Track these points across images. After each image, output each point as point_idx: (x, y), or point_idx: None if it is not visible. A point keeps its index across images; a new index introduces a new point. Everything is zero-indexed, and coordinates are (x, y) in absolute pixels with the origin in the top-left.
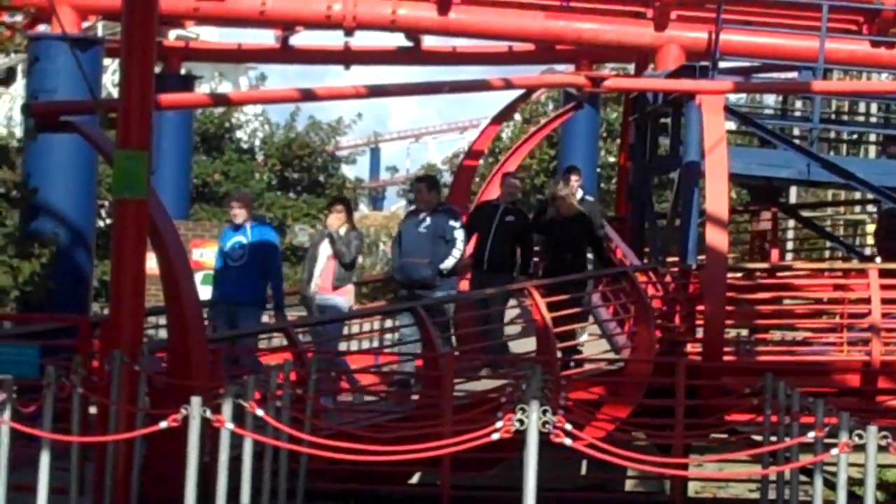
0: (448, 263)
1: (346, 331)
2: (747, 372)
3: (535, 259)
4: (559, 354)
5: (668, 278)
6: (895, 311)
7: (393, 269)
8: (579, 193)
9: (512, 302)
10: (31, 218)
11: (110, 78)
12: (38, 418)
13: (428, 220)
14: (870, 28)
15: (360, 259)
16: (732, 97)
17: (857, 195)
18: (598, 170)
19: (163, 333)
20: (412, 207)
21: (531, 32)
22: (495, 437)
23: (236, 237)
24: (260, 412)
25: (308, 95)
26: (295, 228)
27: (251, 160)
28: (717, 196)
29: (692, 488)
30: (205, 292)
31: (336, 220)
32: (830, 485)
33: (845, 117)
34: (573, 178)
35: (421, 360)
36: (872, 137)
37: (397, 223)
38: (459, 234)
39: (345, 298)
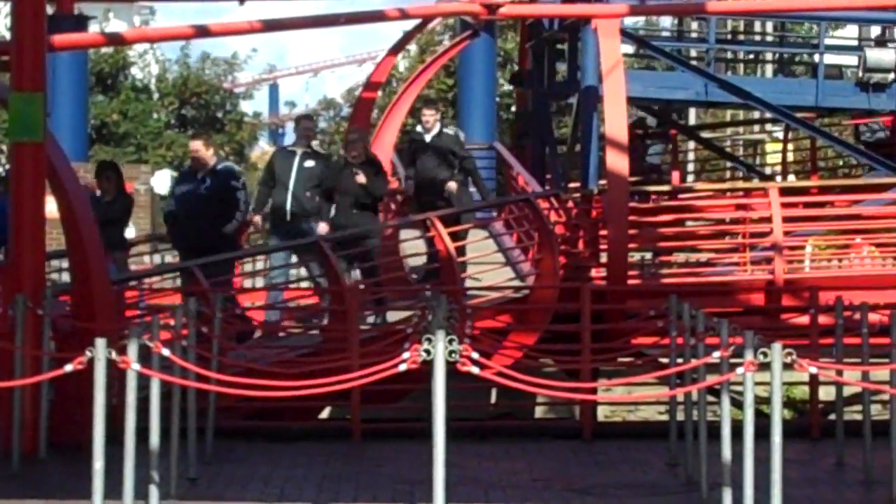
0: (230, 227)
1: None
2: (652, 295)
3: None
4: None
5: (570, 204)
6: (796, 230)
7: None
8: (437, 127)
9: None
10: None
11: (2, 21)
12: None
13: (208, 180)
14: None
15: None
16: (629, 20)
17: (756, 115)
18: (497, 98)
19: (66, 277)
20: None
21: None
22: (402, 367)
23: None
24: (166, 352)
25: (203, 32)
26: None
27: (148, 99)
28: (615, 120)
29: (602, 412)
30: None
31: (104, 186)
32: (738, 404)
33: (741, 37)
34: (428, 112)
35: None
36: (769, 56)
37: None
38: (241, 196)
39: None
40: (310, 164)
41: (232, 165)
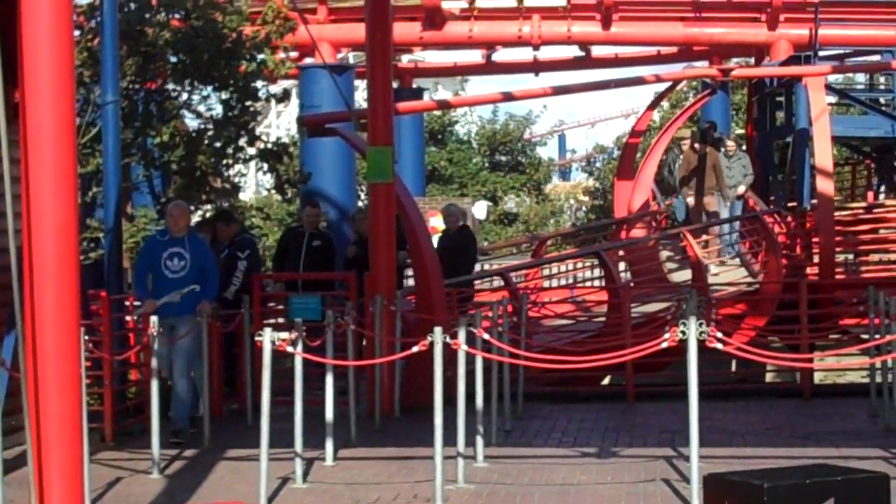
0: (229, 291)
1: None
2: (854, 286)
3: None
4: None
5: (789, 219)
6: None
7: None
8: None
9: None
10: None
11: (361, 94)
12: (322, 350)
13: (226, 251)
14: None
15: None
16: (831, 77)
17: None
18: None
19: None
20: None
21: (674, 39)
22: (664, 345)
23: (174, 249)
24: (486, 336)
25: (508, 97)
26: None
27: (468, 148)
28: (823, 154)
29: (817, 377)
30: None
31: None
32: None
33: None
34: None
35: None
36: None
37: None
38: (241, 265)
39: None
40: (317, 243)
41: (246, 237)
